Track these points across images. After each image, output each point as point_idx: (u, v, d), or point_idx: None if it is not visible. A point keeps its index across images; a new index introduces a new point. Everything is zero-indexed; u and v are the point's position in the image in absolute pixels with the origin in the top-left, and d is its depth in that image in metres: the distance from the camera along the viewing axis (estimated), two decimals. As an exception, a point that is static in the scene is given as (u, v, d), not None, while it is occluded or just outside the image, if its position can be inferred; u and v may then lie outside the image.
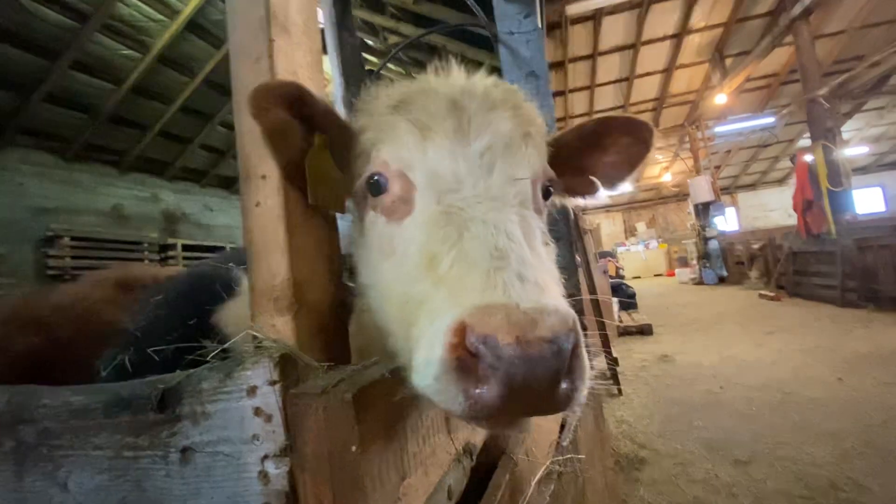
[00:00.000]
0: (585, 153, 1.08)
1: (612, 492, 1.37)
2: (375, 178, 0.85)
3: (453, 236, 0.69)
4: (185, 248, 10.33)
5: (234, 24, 0.76)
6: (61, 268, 8.39)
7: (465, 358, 0.54)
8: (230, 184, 12.75)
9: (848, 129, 18.15)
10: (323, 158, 0.86)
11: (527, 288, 0.60)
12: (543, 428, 1.27)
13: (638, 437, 3.92)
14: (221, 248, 10.47)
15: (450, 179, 0.78)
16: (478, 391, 0.53)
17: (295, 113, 0.80)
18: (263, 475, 0.61)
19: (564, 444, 0.99)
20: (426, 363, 0.57)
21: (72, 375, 0.98)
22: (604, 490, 1.17)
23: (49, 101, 8.12)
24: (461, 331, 0.54)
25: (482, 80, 0.92)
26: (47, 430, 0.76)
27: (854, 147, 19.45)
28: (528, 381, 0.51)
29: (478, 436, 0.90)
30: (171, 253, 10.27)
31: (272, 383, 0.60)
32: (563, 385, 0.54)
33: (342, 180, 0.90)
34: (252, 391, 0.61)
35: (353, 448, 0.51)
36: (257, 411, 0.61)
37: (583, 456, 0.96)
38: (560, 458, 0.93)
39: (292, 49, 0.78)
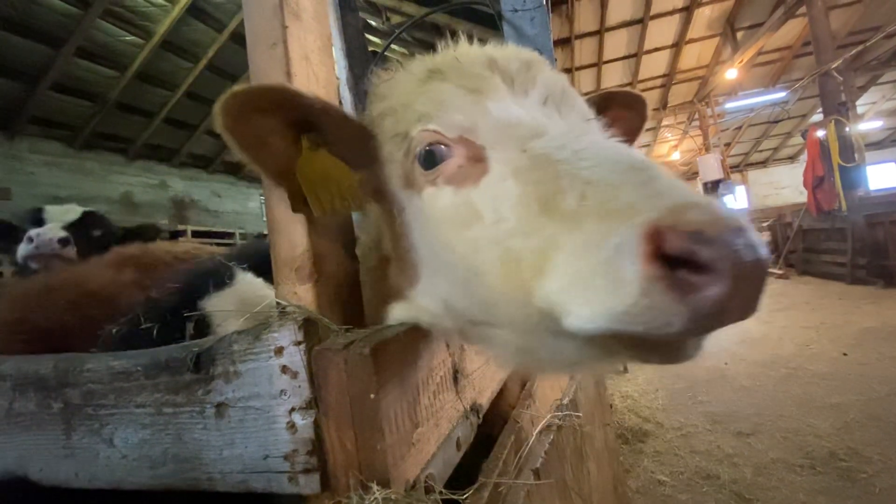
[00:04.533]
0: None
1: (612, 453, 1.45)
2: (428, 149, 0.75)
3: (568, 171, 0.59)
4: (195, 234, 10.47)
5: (250, 12, 0.80)
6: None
7: (666, 267, 0.46)
8: (237, 170, 12.83)
9: (862, 103, 17.70)
10: (318, 159, 0.79)
11: (694, 194, 0.52)
12: (546, 396, 1.34)
13: (642, 412, 4.01)
14: (231, 234, 10.60)
15: (527, 126, 0.71)
16: (701, 294, 0.45)
17: (282, 118, 0.75)
18: (291, 425, 0.68)
19: (564, 401, 1.06)
20: (607, 292, 0.49)
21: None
22: (603, 449, 1.25)
23: (55, 90, 8.18)
24: (656, 235, 0.46)
25: (505, 47, 0.88)
26: (92, 391, 0.84)
27: (868, 121, 19.00)
28: (754, 267, 0.46)
29: (483, 397, 0.97)
30: (181, 240, 10.43)
31: (297, 343, 0.67)
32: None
33: (352, 176, 0.82)
34: (279, 351, 0.68)
35: (372, 396, 0.57)
36: (284, 369, 0.68)
37: (580, 414, 1.03)
38: (560, 413, 1.00)
39: (304, 34, 0.82)
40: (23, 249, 2.64)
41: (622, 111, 1.09)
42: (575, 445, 1.02)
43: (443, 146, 0.75)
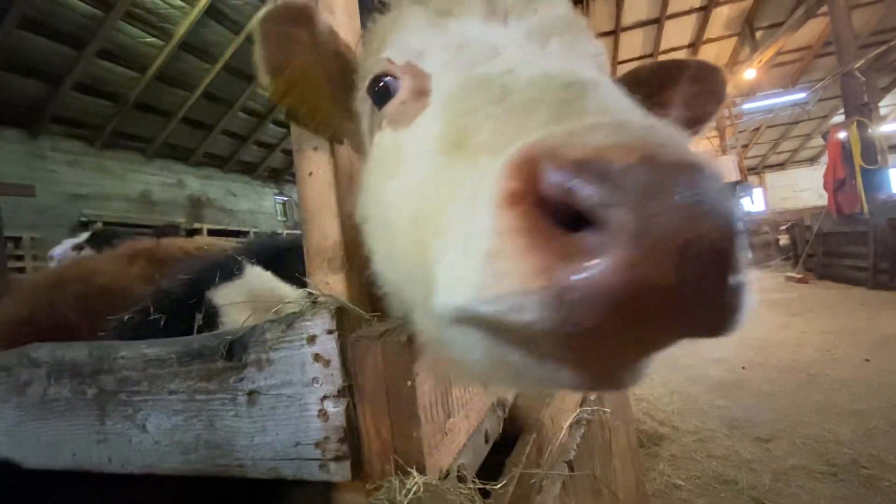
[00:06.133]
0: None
1: (634, 452, 1.44)
2: (381, 82, 0.66)
3: (494, 95, 0.46)
4: (211, 232, 10.62)
5: (286, 5, 0.82)
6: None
7: (538, 214, 0.30)
8: (252, 169, 13.00)
9: (885, 105, 17.28)
10: (314, 74, 0.77)
11: (636, 113, 0.38)
12: (568, 395, 1.33)
13: (657, 415, 3.96)
14: (245, 233, 10.74)
15: (482, 48, 0.58)
16: (573, 267, 0.28)
17: (302, 30, 0.76)
18: (323, 413, 0.68)
19: (592, 397, 1.05)
20: (463, 255, 0.35)
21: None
22: (626, 447, 1.24)
23: (77, 90, 8.38)
24: (526, 168, 0.31)
25: None
26: (126, 378, 0.86)
27: (892, 123, 18.53)
28: (696, 234, 0.27)
29: (509, 393, 0.97)
30: (197, 238, 10.58)
31: (330, 332, 0.67)
32: (733, 273, 0.29)
33: (333, 110, 0.79)
34: (312, 340, 0.69)
35: (409, 383, 0.58)
36: (317, 357, 0.68)
37: (608, 409, 1.02)
38: (588, 408, 0.99)
39: (337, 28, 0.83)
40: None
41: (688, 88, 0.85)
42: (603, 441, 1.01)
43: (393, 75, 0.66)
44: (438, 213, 0.44)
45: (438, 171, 0.49)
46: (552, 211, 0.30)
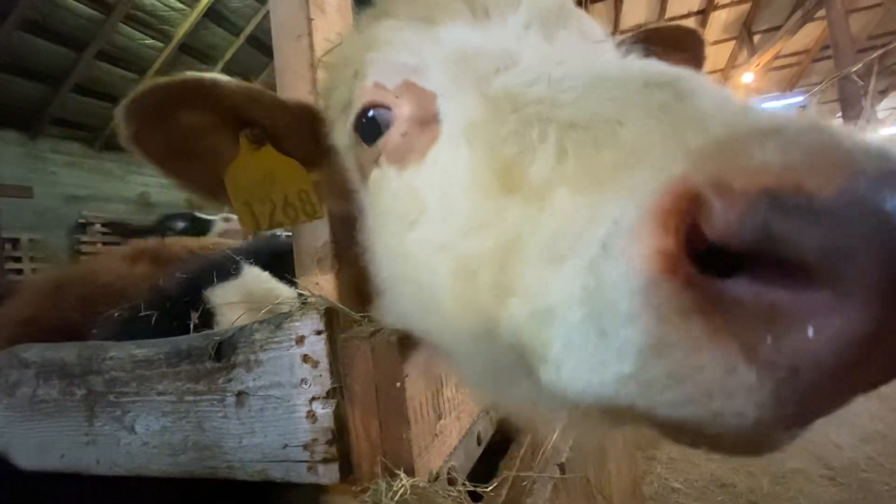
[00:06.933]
0: None
1: (631, 456, 1.43)
2: (368, 115, 0.57)
3: (543, 114, 0.38)
4: (209, 234, 10.58)
5: (276, 5, 0.81)
6: (93, 253, 8.75)
7: (707, 276, 0.23)
8: (251, 171, 13.02)
9: (883, 108, 17.35)
10: (261, 159, 0.66)
11: (764, 110, 0.30)
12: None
13: (656, 418, 3.95)
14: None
15: (491, 56, 0.50)
16: (800, 341, 0.22)
17: (212, 117, 0.63)
18: (311, 415, 0.68)
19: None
20: (594, 335, 0.27)
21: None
22: (623, 451, 1.23)
23: (77, 92, 8.38)
24: (681, 208, 0.23)
25: None
26: (114, 379, 0.85)
27: (890, 127, 18.60)
28: None
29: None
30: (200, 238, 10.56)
31: (319, 333, 0.67)
32: None
33: (305, 178, 0.69)
34: (300, 340, 0.68)
35: (398, 384, 0.57)
36: (305, 358, 0.68)
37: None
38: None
39: (328, 27, 0.82)
40: (221, 226, 4.03)
41: (670, 54, 0.75)
42: (597, 443, 1.01)
43: (384, 108, 0.56)
44: (505, 268, 0.36)
45: (489, 214, 0.40)
46: (703, 257, 0.22)
